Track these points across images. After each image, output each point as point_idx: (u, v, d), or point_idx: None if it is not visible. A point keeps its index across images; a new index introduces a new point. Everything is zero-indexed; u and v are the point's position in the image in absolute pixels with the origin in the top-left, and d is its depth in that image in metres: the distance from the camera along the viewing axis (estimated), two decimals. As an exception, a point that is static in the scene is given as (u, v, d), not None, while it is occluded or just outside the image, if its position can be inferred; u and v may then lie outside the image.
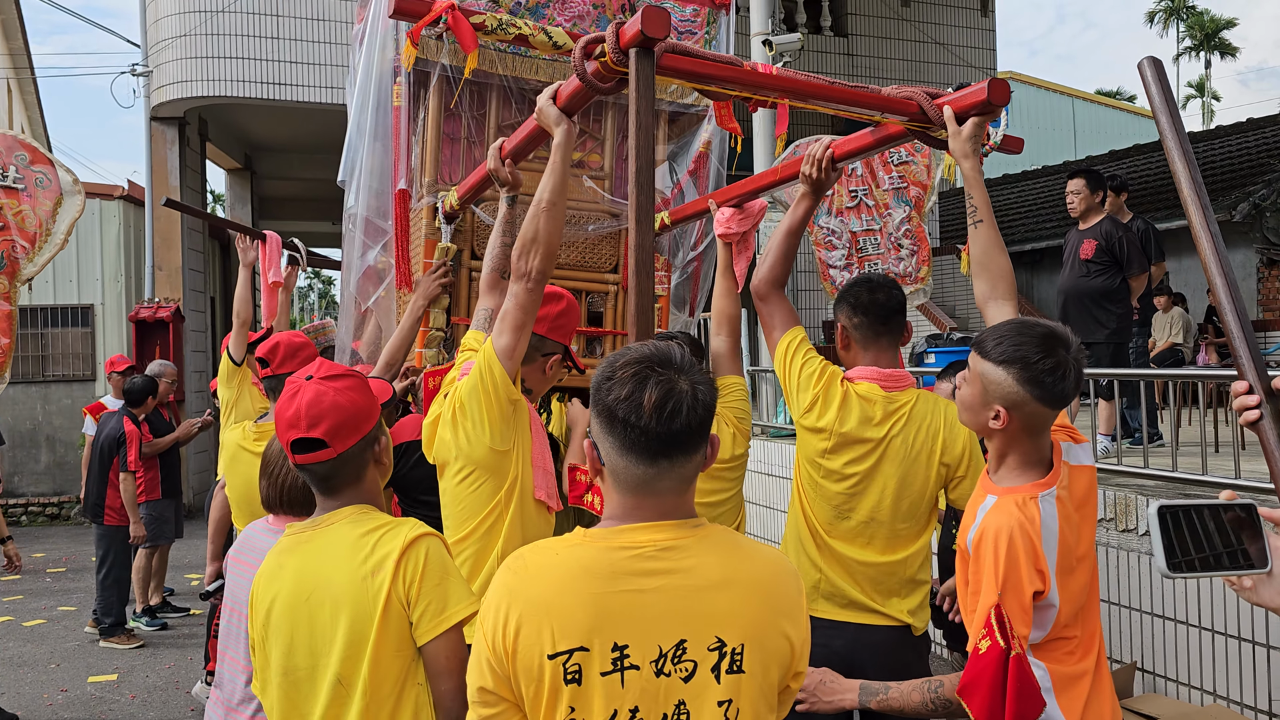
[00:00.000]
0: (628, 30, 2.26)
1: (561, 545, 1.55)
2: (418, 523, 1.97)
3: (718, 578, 1.50)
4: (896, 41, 13.51)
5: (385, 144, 3.75)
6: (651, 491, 1.53)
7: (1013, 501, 2.06)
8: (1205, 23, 41.81)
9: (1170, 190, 14.76)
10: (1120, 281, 6.27)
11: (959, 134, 2.61)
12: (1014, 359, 2.08)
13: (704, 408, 1.52)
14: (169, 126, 11.94)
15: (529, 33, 3.02)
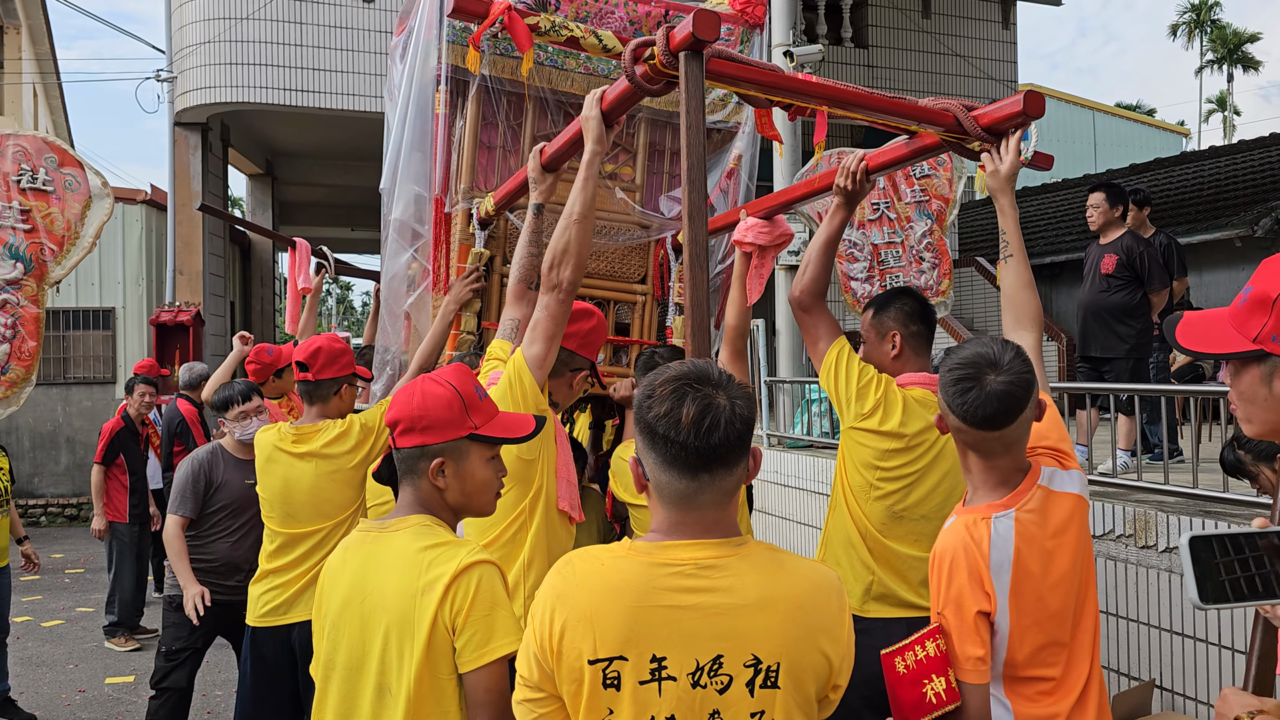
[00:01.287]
0: (678, 33, 2.30)
1: (608, 555, 1.59)
2: (476, 548, 1.95)
3: (755, 597, 1.53)
4: (917, 53, 13.51)
5: (425, 151, 3.80)
6: (694, 505, 1.56)
7: (963, 523, 2.08)
8: (1229, 36, 41.61)
9: (1192, 204, 14.70)
10: (1141, 297, 6.24)
11: (998, 173, 2.66)
12: (943, 382, 2.13)
13: (742, 422, 1.55)
14: (192, 132, 12.04)
15: (580, 35, 3.07)
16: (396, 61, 4.38)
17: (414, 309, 4.05)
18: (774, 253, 3.61)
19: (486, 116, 3.90)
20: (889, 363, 3.04)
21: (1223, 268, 13.39)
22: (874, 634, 2.89)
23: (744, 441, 1.56)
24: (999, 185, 2.68)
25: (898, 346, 3.02)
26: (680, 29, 2.29)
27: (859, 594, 2.98)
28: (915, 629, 2.85)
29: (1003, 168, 2.66)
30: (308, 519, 3.62)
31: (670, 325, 4.19)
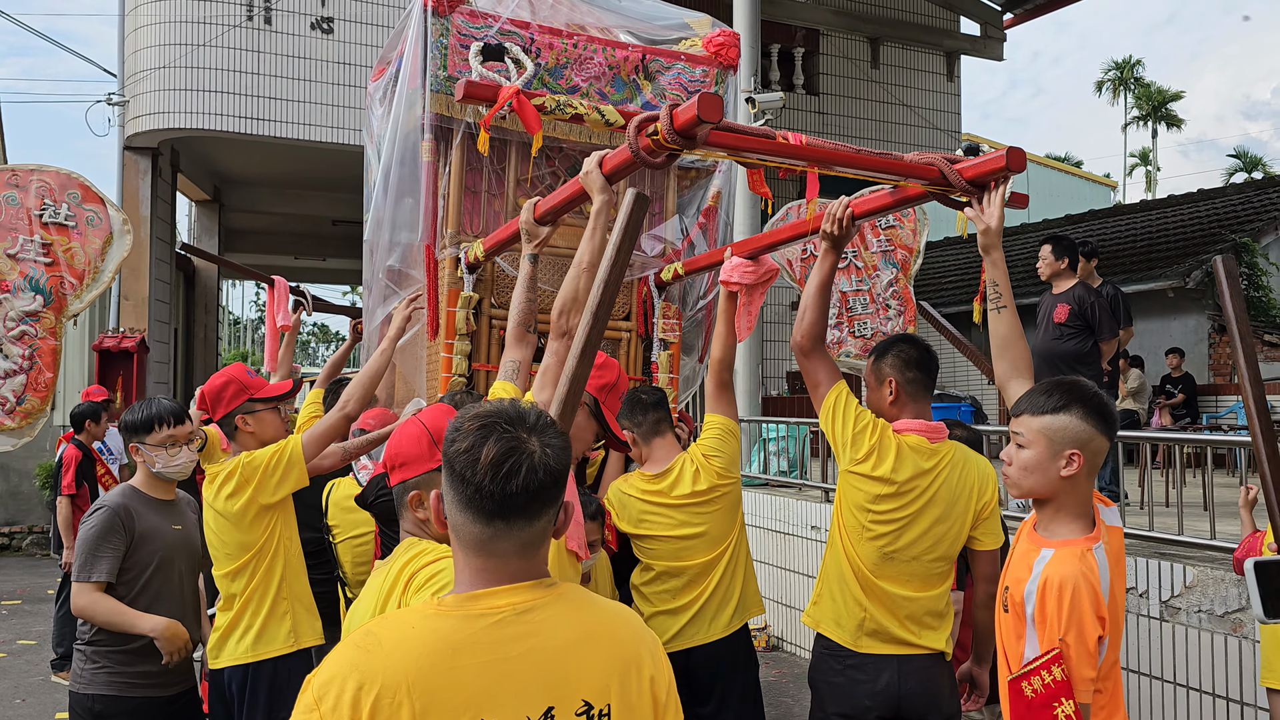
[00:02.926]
0: (683, 113, 2.40)
1: (415, 617, 1.47)
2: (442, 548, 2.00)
3: (577, 635, 1.47)
4: (866, 102, 13.89)
5: (416, 198, 3.86)
6: (492, 553, 1.47)
7: (1071, 553, 2.20)
8: (1153, 94, 43.37)
9: (1126, 254, 15.26)
10: (1092, 345, 6.48)
11: (989, 229, 2.79)
12: (1071, 402, 2.27)
13: (548, 472, 1.46)
14: (142, 156, 11.88)
15: (584, 111, 3.18)
16: (376, 105, 4.43)
17: (400, 355, 4.08)
18: (762, 290, 3.70)
19: (471, 162, 3.99)
20: (887, 408, 3.13)
21: (1156, 317, 13.89)
22: (866, 669, 3.01)
23: (548, 494, 1.47)
24: (991, 240, 2.80)
25: (894, 393, 3.11)
26: (684, 110, 2.40)
27: (852, 629, 3.05)
28: (906, 665, 2.98)
29: (992, 223, 2.79)
30: (220, 561, 3.49)
31: (655, 360, 4.27)
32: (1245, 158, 35.23)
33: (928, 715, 3.01)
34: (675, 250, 4.29)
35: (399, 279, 4.04)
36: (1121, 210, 19.12)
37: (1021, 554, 2.34)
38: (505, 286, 3.97)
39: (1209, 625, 4.59)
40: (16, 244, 4.61)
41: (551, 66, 3.90)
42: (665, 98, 4.12)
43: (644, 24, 4.26)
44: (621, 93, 4.06)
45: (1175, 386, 12.03)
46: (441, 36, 3.74)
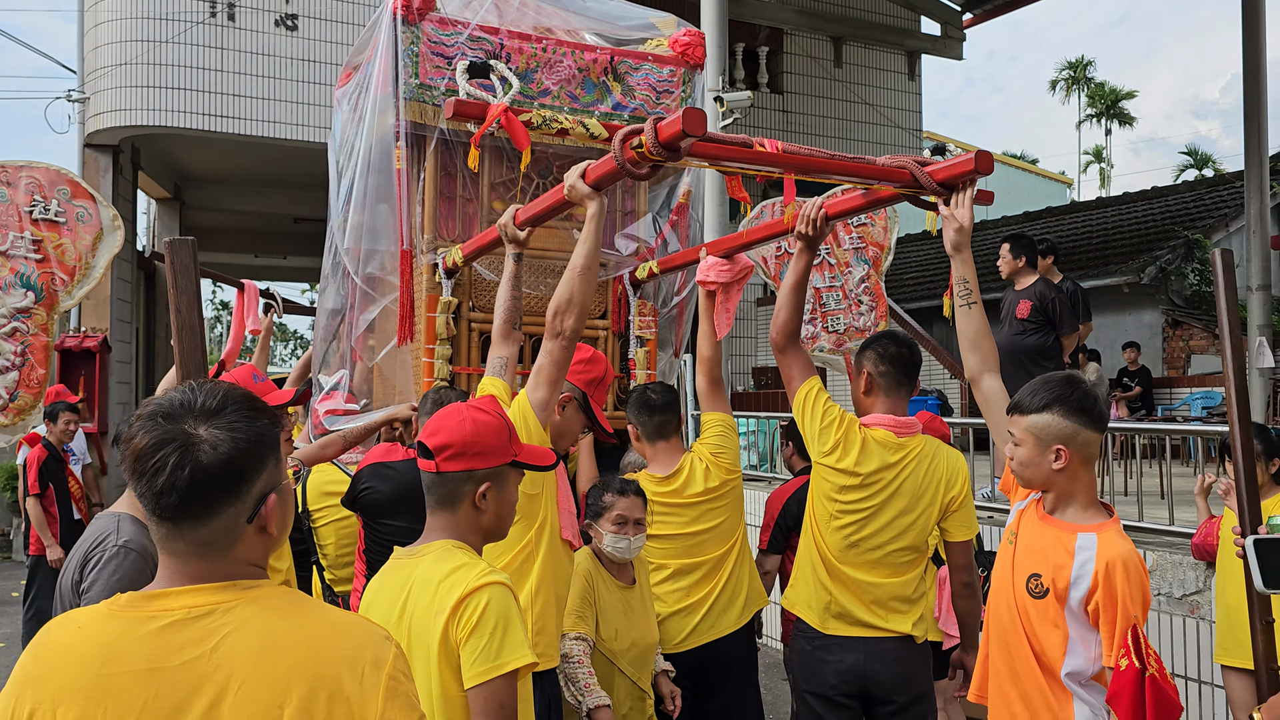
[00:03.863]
0: (667, 127, 2.48)
1: (87, 617, 1.34)
2: (488, 569, 2.00)
3: (256, 646, 1.29)
4: (829, 100, 14.04)
5: (391, 205, 3.89)
6: (170, 552, 1.34)
7: (1115, 533, 2.37)
8: (1106, 93, 44.10)
9: (1082, 251, 15.55)
10: (1053, 339, 6.64)
11: (961, 229, 2.89)
12: (1054, 401, 2.41)
13: (199, 467, 1.30)
14: (103, 154, 11.73)
15: (569, 125, 3.28)
16: (343, 110, 4.46)
17: (386, 363, 4.12)
18: (738, 288, 3.80)
19: (445, 168, 4.03)
20: (861, 399, 3.24)
21: (1111, 312, 14.19)
22: (833, 650, 3.14)
23: (214, 489, 1.31)
24: (961, 239, 2.90)
25: (868, 385, 3.22)
26: (669, 124, 2.47)
27: (820, 611, 3.17)
28: (872, 647, 3.10)
29: (964, 222, 2.88)
30: None
31: (632, 358, 4.34)
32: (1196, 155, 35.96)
33: (895, 695, 3.12)
34: (649, 249, 4.37)
35: (375, 284, 4.08)
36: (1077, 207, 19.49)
37: (1051, 541, 2.45)
38: (483, 290, 4.03)
39: (1168, 608, 4.75)
40: (7, 241, 4.60)
41: (522, 71, 3.96)
42: (634, 97, 4.19)
43: (610, 25, 4.33)
44: (591, 94, 4.13)
45: (1132, 380, 12.30)
46: (413, 44, 3.78)
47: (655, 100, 4.24)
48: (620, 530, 3.22)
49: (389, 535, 3.27)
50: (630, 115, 4.14)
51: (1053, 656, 2.41)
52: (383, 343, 4.18)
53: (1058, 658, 2.40)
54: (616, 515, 3.23)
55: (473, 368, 3.93)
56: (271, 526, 1.39)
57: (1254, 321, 11.31)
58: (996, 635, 2.59)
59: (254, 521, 1.37)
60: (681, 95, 4.34)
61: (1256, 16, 11.03)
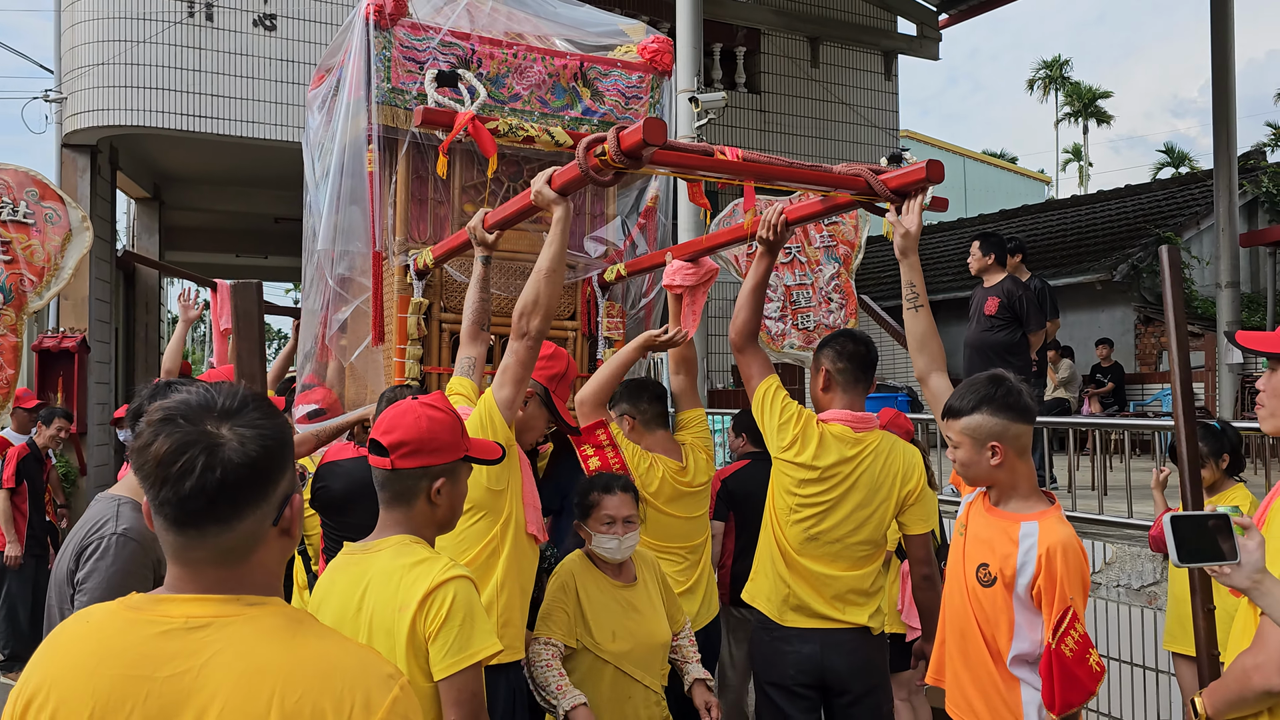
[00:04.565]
0: (629, 135, 2.57)
1: (100, 613, 1.33)
2: (451, 564, 2.08)
3: (242, 669, 1.24)
4: (806, 100, 14.13)
5: (363, 207, 3.96)
6: (185, 562, 1.30)
7: (1055, 520, 2.51)
8: (1083, 92, 44.43)
9: (1057, 249, 15.72)
10: (1021, 336, 6.77)
11: (908, 234, 3.00)
12: (981, 401, 2.55)
13: (235, 466, 1.26)
14: (81, 154, 11.71)
15: (535, 134, 3.37)
16: (315, 112, 4.52)
17: (359, 363, 4.20)
18: (703, 290, 3.91)
19: (417, 171, 4.11)
20: (820, 394, 3.35)
21: (1085, 309, 14.36)
22: (791, 641, 3.24)
23: (243, 491, 1.27)
24: (909, 244, 3.02)
25: (826, 381, 3.32)
26: (630, 133, 2.56)
27: (778, 603, 3.27)
28: (829, 638, 3.20)
29: (911, 228, 3.00)
30: None
31: (601, 358, 4.43)
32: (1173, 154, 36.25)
33: (851, 685, 3.22)
34: (617, 251, 4.46)
35: (348, 286, 4.15)
36: (1053, 205, 19.67)
37: (997, 531, 2.57)
38: (454, 292, 4.11)
39: (1127, 598, 4.87)
40: (-25, 242, 4.60)
41: (493, 76, 4.03)
42: (604, 103, 4.28)
43: (580, 31, 4.41)
44: (561, 99, 4.21)
45: (1105, 376, 12.46)
46: (385, 49, 3.85)
47: (624, 106, 4.33)
48: (609, 530, 3.16)
49: (343, 532, 3.34)
50: (599, 120, 4.23)
51: (1001, 642, 2.54)
52: (355, 343, 4.25)
53: (1006, 643, 2.53)
54: (604, 514, 3.17)
55: (443, 368, 4.00)
56: (294, 529, 1.36)
57: (1223, 318, 11.47)
58: (951, 623, 2.71)
59: (278, 524, 1.33)
60: (650, 101, 4.43)
61: (1225, 18, 11.20)
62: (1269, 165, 15.96)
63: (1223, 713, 2.07)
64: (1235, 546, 1.93)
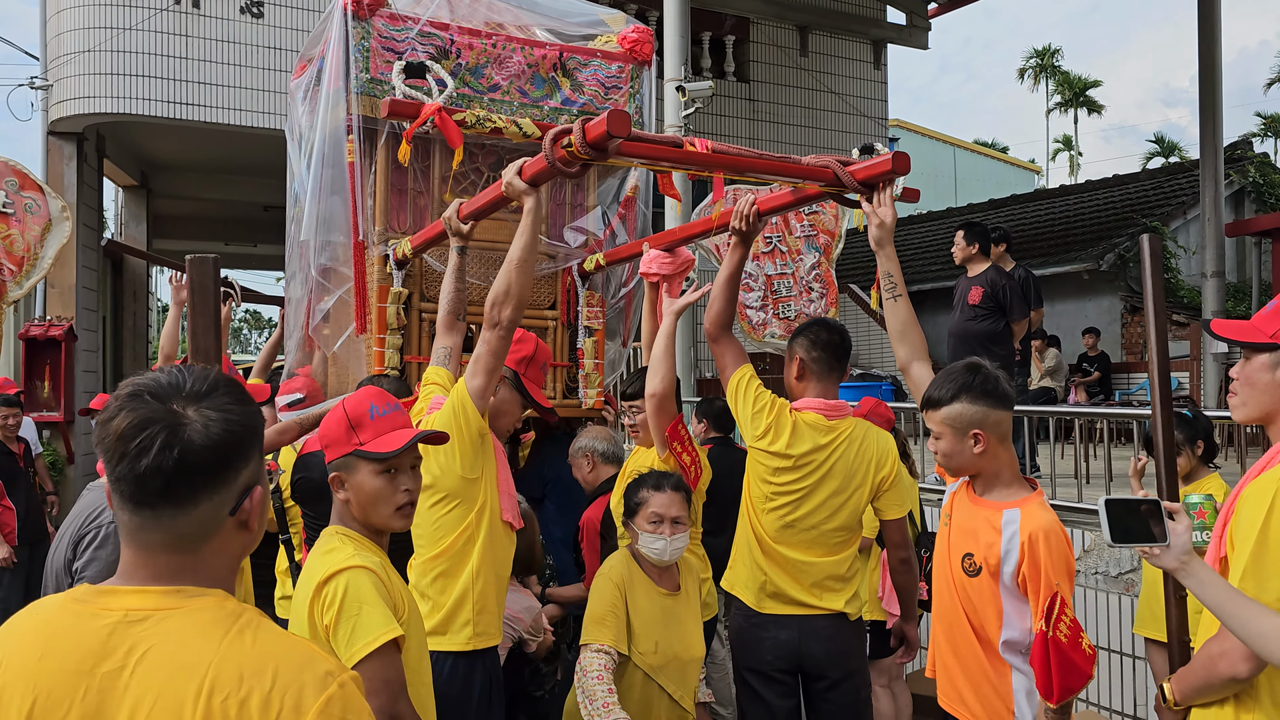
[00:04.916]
0: (594, 128, 2.59)
1: (49, 604, 1.29)
2: (351, 554, 2.12)
3: (173, 666, 1.19)
4: (795, 89, 14.13)
5: (343, 197, 3.98)
6: (142, 545, 1.26)
7: (1038, 506, 2.53)
8: (1073, 81, 44.45)
9: (1044, 238, 15.76)
10: (1004, 325, 6.81)
11: (883, 225, 3.01)
12: (960, 390, 2.56)
13: (190, 449, 1.22)
14: (67, 142, 11.66)
15: (503, 125, 3.38)
16: (298, 102, 4.53)
17: (344, 351, 4.21)
18: (679, 280, 3.93)
19: (397, 162, 4.11)
20: (793, 383, 3.37)
21: (1072, 298, 14.41)
22: (769, 628, 3.28)
23: (202, 474, 1.24)
24: (884, 235, 3.03)
25: (799, 370, 3.35)
26: (595, 125, 2.58)
27: (755, 590, 3.30)
28: (806, 625, 3.22)
29: (885, 219, 3.02)
30: None
31: (581, 347, 4.45)
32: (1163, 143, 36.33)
33: (828, 671, 3.25)
34: (597, 241, 4.47)
35: (330, 276, 4.17)
36: (1041, 195, 19.72)
37: (981, 520, 2.59)
38: (433, 281, 4.12)
39: (1104, 585, 4.92)
40: (-46, 233, 4.58)
41: (473, 66, 4.04)
42: (583, 93, 4.29)
43: (560, 21, 4.42)
44: (541, 89, 4.22)
45: (1091, 365, 12.52)
46: (364, 39, 3.86)
47: (604, 96, 4.34)
48: (655, 529, 3.05)
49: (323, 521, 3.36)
50: (579, 110, 4.24)
51: (990, 630, 2.56)
52: (338, 332, 4.27)
53: (994, 631, 2.55)
54: (652, 512, 3.05)
55: (423, 357, 4.02)
56: (253, 522, 1.32)
57: (1208, 307, 11.54)
58: (939, 615, 2.73)
59: (236, 515, 1.29)
60: (630, 91, 4.44)
61: (1212, 7, 11.22)
62: (1256, 155, 16.03)
63: (1190, 698, 2.10)
64: (1165, 530, 2.01)
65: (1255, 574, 1.91)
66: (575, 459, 4.20)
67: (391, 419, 2.25)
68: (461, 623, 2.82)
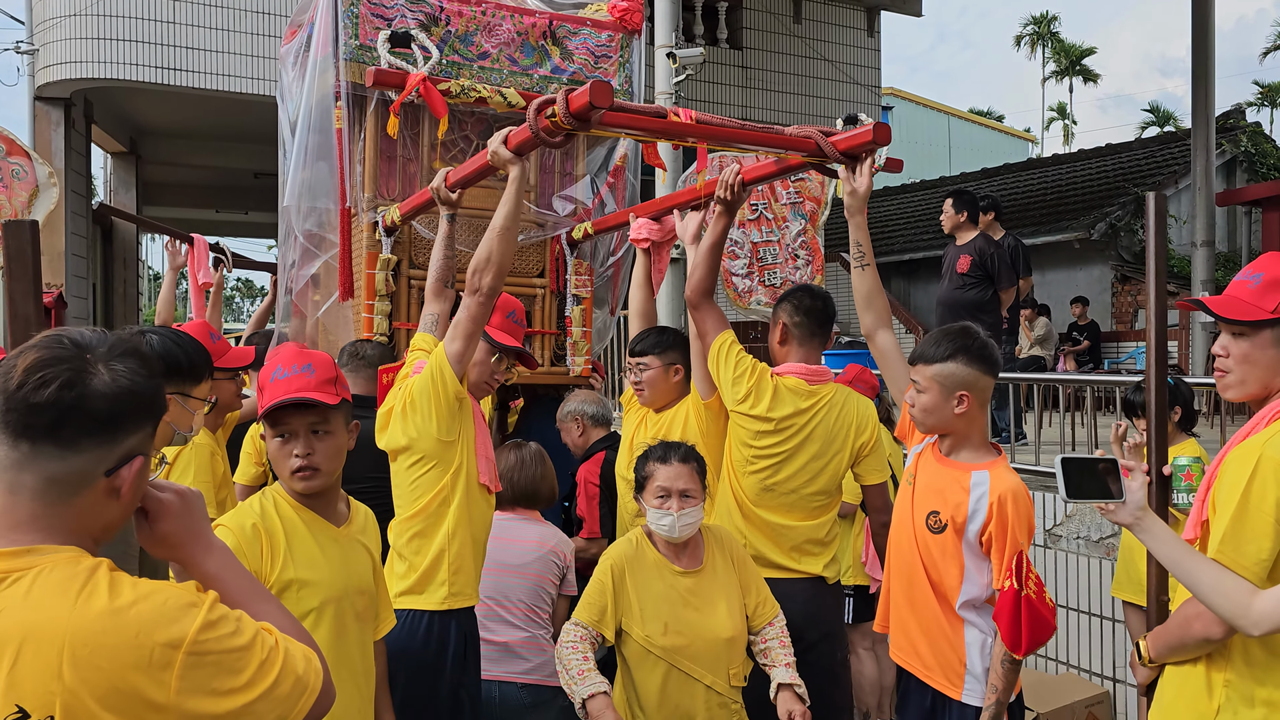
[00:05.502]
0: (576, 98, 2.60)
1: None
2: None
3: (31, 622, 1.18)
4: (788, 57, 14.07)
5: (331, 163, 3.98)
6: (10, 488, 1.25)
7: (1004, 469, 2.63)
8: (1069, 49, 44.25)
9: (1036, 207, 15.78)
10: (992, 294, 6.84)
11: (856, 193, 3.08)
12: (958, 350, 2.64)
13: (89, 394, 1.25)
14: (54, 107, 11.58)
15: (487, 95, 3.38)
16: (288, 68, 4.52)
17: (328, 317, 4.24)
18: (667, 247, 3.97)
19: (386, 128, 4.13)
20: (777, 348, 3.42)
21: (1063, 267, 14.46)
22: None
23: (95, 423, 1.26)
24: (858, 205, 3.10)
25: (783, 335, 3.39)
26: (578, 96, 2.60)
27: None
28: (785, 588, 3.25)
29: (860, 189, 3.08)
30: None
31: (569, 315, 4.48)
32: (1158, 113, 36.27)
33: (805, 633, 3.29)
34: (586, 209, 4.49)
35: (317, 242, 4.18)
36: (1034, 164, 19.71)
37: (949, 480, 2.68)
38: (422, 248, 4.14)
39: (1085, 550, 4.99)
40: (-60, 199, 4.57)
41: (462, 33, 4.03)
42: (573, 61, 4.29)
43: (551, -13, 4.41)
44: (530, 58, 4.21)
45: (1080, 333, 12.58)
46: (352, 6, 3.85)
47: (593, 65, 4.34)
48: (662, 504, 2.84)
49: None
50: (569, 79, 4.24)
51: (950, 586, 2.65)
52: (326, 298, 4.29)
53: (954, 587, 2.65)
54: (657, 487, 2.86)
55: (411, 323, 4.05)
56: (126, 492, 1.31)
57: (1197, 277, 11.58)
58: (898, 570, 2.81)
59: (110, 479, 1.29)
60: (620, 60, 4.45)
61: (1206, -25, 11.19)
62: (1248, 124, 16.02)
63: (1164, 656, 2.15)
64: (1122, 488, 2.09)
65: (1234, 539, 1.94)
66: (564, 423, 4.24)
67: (291, 382, 2.25)
68: (438, 583, 2.86)
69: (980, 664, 2.63)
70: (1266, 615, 1.85)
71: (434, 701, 2.84)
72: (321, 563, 2.22)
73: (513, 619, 3.43)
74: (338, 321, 4.24)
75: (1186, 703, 2.08)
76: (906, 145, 24.98)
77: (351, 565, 2.29)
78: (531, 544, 3.52)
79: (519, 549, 3.49)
